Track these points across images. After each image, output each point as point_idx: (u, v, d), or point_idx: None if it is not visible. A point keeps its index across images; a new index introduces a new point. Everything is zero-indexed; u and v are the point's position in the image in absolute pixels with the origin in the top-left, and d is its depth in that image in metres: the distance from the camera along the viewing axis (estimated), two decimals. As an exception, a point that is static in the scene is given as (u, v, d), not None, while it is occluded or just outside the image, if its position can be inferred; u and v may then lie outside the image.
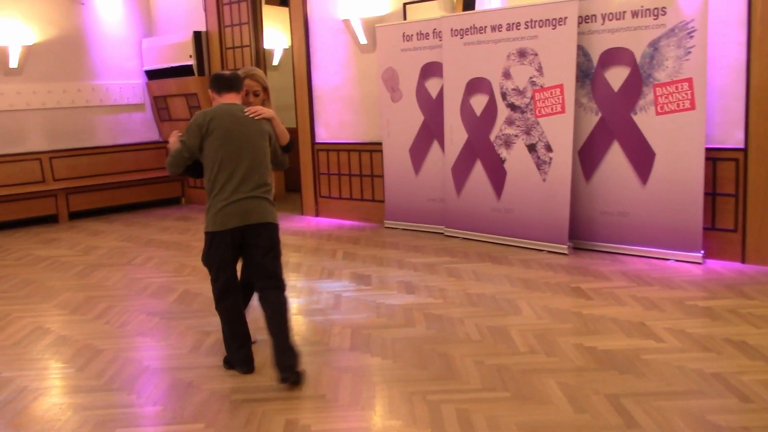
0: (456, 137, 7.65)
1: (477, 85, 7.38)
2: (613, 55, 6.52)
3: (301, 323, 5.27)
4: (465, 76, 7.48)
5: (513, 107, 7.10)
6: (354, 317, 5.28)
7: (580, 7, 6.58)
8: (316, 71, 9.31)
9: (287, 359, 3.97)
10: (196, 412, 3.78)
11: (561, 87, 6.70)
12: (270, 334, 4.06)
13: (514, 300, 5.48)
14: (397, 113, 8.28)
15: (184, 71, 10.57)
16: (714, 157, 6.22)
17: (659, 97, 6.29)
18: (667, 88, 6.23)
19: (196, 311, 5.55)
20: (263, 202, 4.15)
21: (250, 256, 4.15)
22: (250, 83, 4.52)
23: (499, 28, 7.11)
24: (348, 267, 6.78)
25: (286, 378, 3.96)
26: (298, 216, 9.74)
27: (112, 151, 11.07)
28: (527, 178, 7.09)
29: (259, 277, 4.17)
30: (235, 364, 4.29)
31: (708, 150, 6.15)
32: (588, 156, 6.82)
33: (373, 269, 6.65)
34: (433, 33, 7.81)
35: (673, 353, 4.27)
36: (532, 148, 7.01)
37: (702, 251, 6.24)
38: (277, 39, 12.20)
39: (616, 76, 6.53)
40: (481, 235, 7.57)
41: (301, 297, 5.91)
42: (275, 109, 4.53)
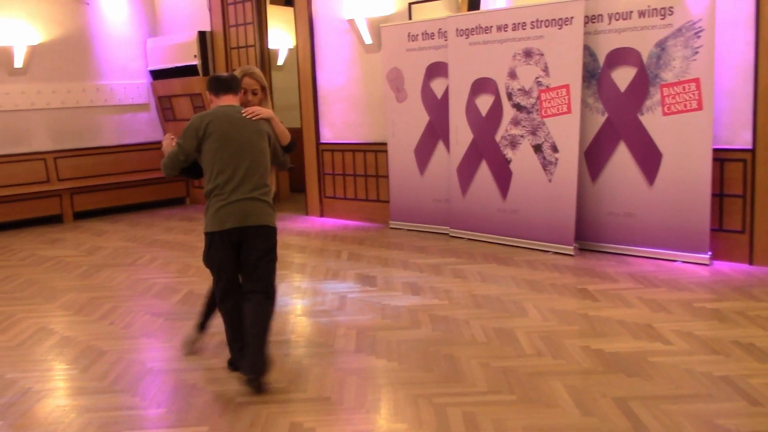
0: (461, 137, 7.62)
1: (482, 85, 7.35)
2: (620, 55, 6.48)
3: (305, 324, 5.25)
4: (470, 76, 7.44)
5: (519, 107, 7.07)
6: (359, 318, 5.25)
7: (587, 6, 6.54)
8: (321, 71, 9.28)
9: (256, 366, 3.91)
10: (200, 415, 3.76)
11: (567, 87, 6.67)
12: (246, 335, 4.01)
13: (520, 301, 5.45)
14: (402, 113, 8.25)
15: (188, 71, 10.55)
16: (721, 157, 6.18)
17: (666, 98, 6.25)
18: (674, 88, 6.19)
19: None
20: (262, 204, 4.12)
21: (245, 257, 4.11)
22: (248, 81, 4.48)
23: (504, 28, 7.08)
24: (353, 268, 6.76)
25: (250, 382, 3.91)
26: (303, 216, 9.72)
27: (117, 151, 11.06)
28: (533, 178, 7.06)
29: (249, 280, 4.12)
30: (239, 366, 4.26)
31: (715, 151, 6.11)
32: (594, 156, 6.78)
33: (378, 270, 6.63)
34: (438, 33, 7.78)
35: (680, 356, 4.23)
36: (538, 148, 6.97)
37: (709, 252, 6.19)
38: (282, 39, 12.18)
39: (623, 77, 6.49)
40: (487, 236, 7.53)
41: (305, 298, 5.89)
42: (278, 109, 4.51)
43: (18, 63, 9.89)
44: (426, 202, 8.22)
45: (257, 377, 3.92)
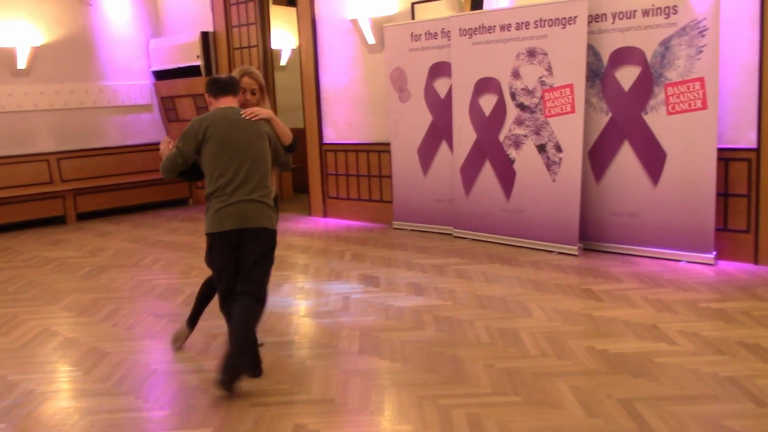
0: (465, 137, 7.60)
1: (486, 84, 7.33)
2: (624, 55, 6.46)
3: (309, 325, 5.23)
4: (474, 76, 7.42)
5: (522, 107, 7.05)
6: (362, 319, 5.24)
7: (590, 6, 6.51)
8: (324, 71, 9.27)
9: (232, 370, 3.87)
10: (203, 417, 3.74)
11: (571, 87, 6.65)
12: (229, 336, 3.98)
13: (524, 302, 5.43)
14: (405, 113, 8.23)
15: (191, 72, 10.55)
16: (726, 157, 6.15)
17: (670, 97, 6.22)
18: (679, 87, 6.16)
19: (204, 313, 5.48)
20: (261, 206, 4.07)
21: (242, 259, 4.07)
22: (247, 81, 4.46)
23: (508, 27, 7.06)
24: (356, 268, 6.74)
25: (222, 382, 3.87)
26: (306, 217, 9.71)
27: (120, 152, 11.07)
28: (537, 178, 7.03)
29: (242, 281, 4.08)
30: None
31: (720, 150, 6.08)
32: (598, 156, 6.76)
33: (382, 271, 6.61)
34: (441, 33, 7.76)
35: (686, 356, 4.21)
36: (541, 148, 6.95)
37: (714, 252, 6.17)
38: (285, 39, 12.17)
39: (627, 76, 6.46)
40: (491, 236, 7.51)
41: (309, 299, 5.88)
42: (281, 109, 4.50)
43: (21, 64, 9.90)
44: (429, 203, 8.21)
45: (230, 380, 3.87)
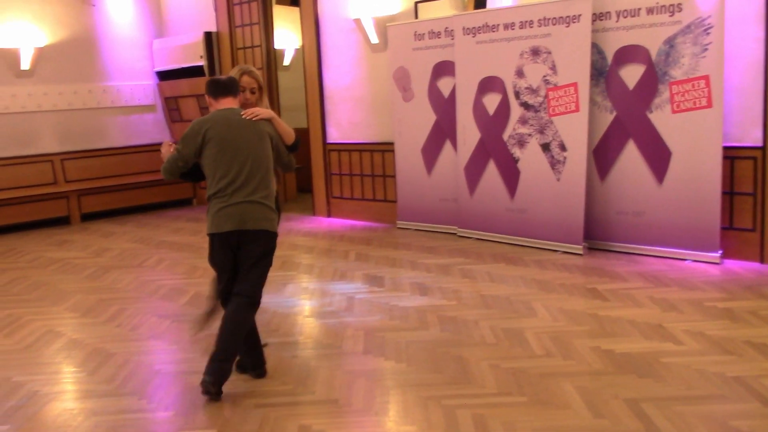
0: (469, 137, 7.59)
1: (490, 83, 7.31)
2: (628, 53, 6.43)
3: (313, 326, 5.22)
4: (477, 75, 7.41)
5: (526, 106, 7.03)
6: (367, 319, 5.22)
7: (594, 4, 6.49)
8: (327, 71, 9.26)
9: (217, 373, 3.87)
10: (207, 418, 3.74)
11: (575, 85, 6.62)
12: (217, 338, 3.95)
13: (529, 301, 5.41)
14: (409, 113, 8.21)
15: (195, 72, 10.55)
16: (732, 155, 6.13)
17: (675, 95, 6.20)
18: (684, 85, 6.13)
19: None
20: (262, 207, 4.03)
21: (240, 261, 4.05)
22: (247, 80, 4.44)
23: (511, 26, 7.04)
24: (360, 268, 6.73)
25: (204, 383, 3.87)
26: (310, 217, 9.70)
27: (124, 152, 11.07)
28: (541, 177, 7.01)
29: (238, 282, 4.06)
30: (246, 368, 4.25)
31: (725, 148, 6.06)
32: (603, 155, 6.73)
33: (386, 270, 6.60)
34: (444, 32, 7.75)
35: (692, 356, 4.19)
36: (545, 147, 6.93)
37: (720, 251, 6.14)
38: (288, 39, 12.15)
39: (631, 74, 6.44)
40: (495, 236, 7.49)
41: (313, 299, 5.87)
42: (284, 109, 4.49)
43: (25, 65, 9.90)
44: (433, 202, 8.19)
45: (213, 382, 3.86)
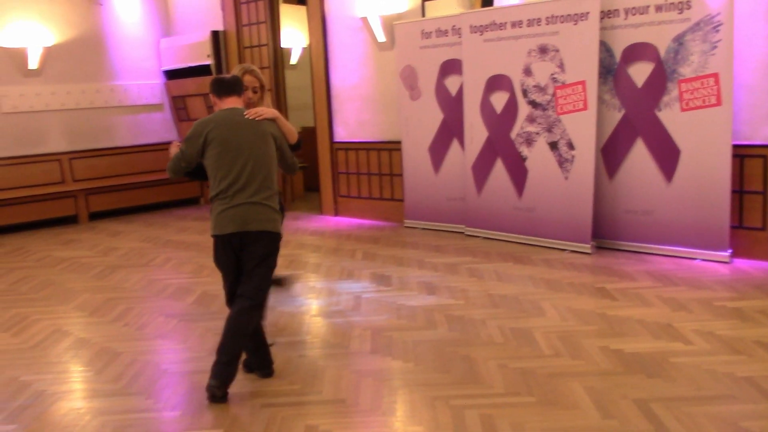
0: (476, 135, 7.56)
1: (497, 82, 7.28)
2: (637, 51, 6.40)
3: (320, 325, 5.21)
4: (485, 74, 7.38)
5: (534, 104, 7.00)
6: (374, 319, 5.21)
7: (603, 1, 6.45)
8: (334, 70, 9.24)
9: (221, 376, 3.87)
10: (214, 417, 3.73)
11: (583, 83, 6.59)
12: (220, 341, 3.94)
13: (537, 301, 5.38)
14: (416, 111, 8.19)
15: (202, 71, 10.54)
16: (741, 153, 6.08)
17: (684, 93, 6.16)
18: (693, 83, 6.09)
19: (214, 313, 5.50)
20: (264, 208, 4.01)
21: (244, 262, 4.03)
22: (249, 79, 4.44)
23: (519, 24, 7.01)
24: (368, 267, 6.71)
25: (210, 388, 3.87)
26: (317, 215, 9.69)
27: (131, 151, 11.08)
28: (549, 176, 6.98)
29: (242, 283, 4.04)
30: (253, 368, 4.24)
31: (735, 147, 6.01)
32: (611, 153, 6.70)
33: (393, 269, 6.58)
34: (452, 30, 7.72)
35: (702, 356, 4.16)
36: (554, 145, 6.90)
37: (729, 250, 6.10)
38: (295, 38, 12.15)
39: (640, 72, 6.40)
40: (503, 235, 7.47)
41: (320, 298, 5.85)
42: (291, 108, 4.47)
43: (32, 64, 9.92)
44: (441, 201, 8.17)
45: (217, 385, 3.86)
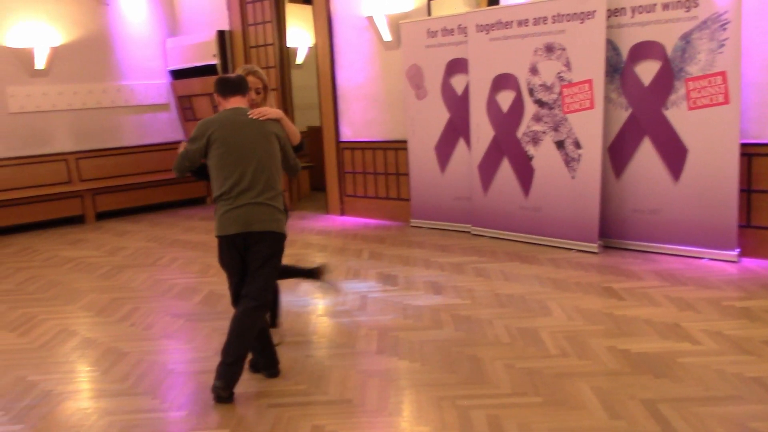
0: (482, 134, 7.54)
1: (503, 81, 7.26)
2: (644, 49, 6.37)
3: (327, 325, 5.21)
4: (491, 73, 7.36)
5: (540, 103, 6.98)
6: (380, 319, 5.20)
7: (609, 0, 6.43)
8: (340, 69, 9.24)
9: (226, 377, 3.86)
10: (221, 417, 3.73)
11: (590, 82, 6.56)
12: (225, 342, 3.93)
13: (544, 300, 5.37)
14: (422, 111, 8.18)
15: (208, 71, 10.55)
16: (749, 152, 6.05)
17: (691, 92, 6.13)
18: (700, 82, 6.06)
19: (221, 313, 5.50)
20: (268, 209, 4.00)
21: (249, 263, 4.02)
22: (252, 80, 4.43)
23: (525, 23, 6.99)
24: (374, 267, 6.70)
25: (215, 388, 3.87)
26: (323, 215, 9.69)
27: (138, 151, 11.10)
28: (556, 175, 6.96)
29: (247, 284, 4.03)
30: (259, 368, 4.24)
31: (743, 145, 5.98)
32: (618, 152, 6.67)
33: (400, 269, 6.57)
34: (458, 29, 7.70)
35: (710, 356, 4.14)
36: (560, 144, 6.88)
37: (737, 249, 6.07)
38: (301, 37, 12.15)
39: (647, 71, 6.37)
40: (509, 234, 7.45)
41: (326, 298, 5.84)
42: (297, 108, 4.47)
43: (39, 64, 9.95)
44: (447, 200, 8.15)
45: (223, 387, 3.86)
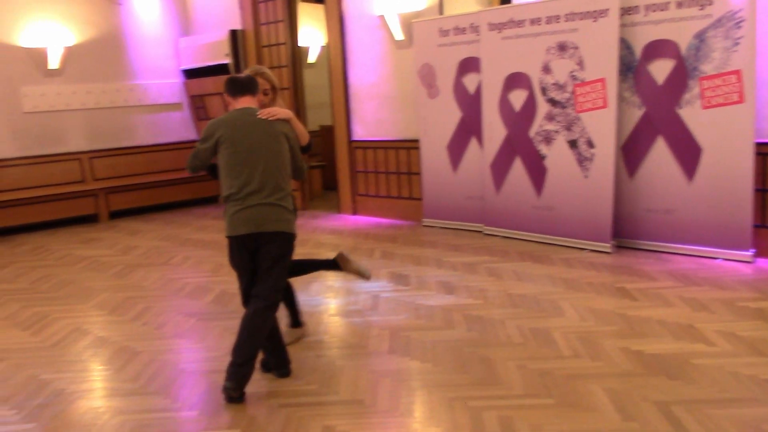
0: (494, 133, 7.52)
1: (516, 80, 7.23)
2: (657, 48, 6.33)
3: (338, 325, 5.20)
4: (503, 71, 7.33)
5: (553, 102, 6.94)
6: (392, 318, 5.19)
7: (623, -2, 6.40)
8: (353, 68, 9.23)
9: (236, 376, 3.86)
10: (232, 417, 3.73)
11: (603, 81, 6.53)
12: (235, 343, 3.93)
13: (556, 301, 5.34)
14: (434, 110, 8.16)
15: (220, 70, 10.57)
16: (764, 152, 6.00)
17: (706, 90, 6.08)
18: (714, 80, 6.02)
19: (232, 312, 5.51)
20: (278, 209, 3.99)
21: (259, 263, 4.02)
22: (260, 81, 4.41)
23: (538, 21, 6.95)
24: (386, 266, 6.69)
25: (225, 389, 3.87)
26: (336, 214, 9.69)
27: (151, 150, 11.14)
28: (568, 174, 6.93)
29: (257, 284, 4.03)
30: (271, 368, 4.24)
31: (758, 145, 5.93)
32: (631, 152, 6.63)
33: (412, 269, 6.56)
34: (470, 28, 7.68)
35: (724, 358, 4.10)
36: (573, 144, 6.84)
37: (752, 250, 6.02)
38: (313, 36, 12.16)
39: (661, 69, 6.33)
40: (522, 234, 7.42)
41: (338, 297, 5.84)
42: (310, 107, 4.46)
43: (53, 64, 10.00)
44: (459, 200, 8.13)
45: (233, 387, 3.86)
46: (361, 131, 9.30)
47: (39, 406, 3.99)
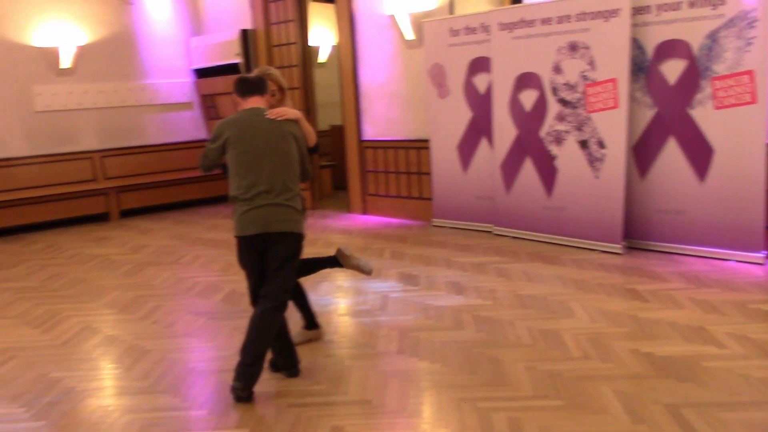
0: (505, 133, 7.50)
1: (526, 80, 7.21)
2: (669, 48, 6.29)
3: (347, 325, 5.20)
4: (514, 71, 7.31)
5: (564, 102, 6.92)
6: (401, 319, 5.18)
7: (635, -2, 6.37)
8: (363, 68, 9.23)
9: (245, 377, 3.86)
10: (240, 417, 3.73)
11: (614, 81, 6.50)
12: (243, 343, 3.93)
13: (566, 302, 5.32)
14: (444, 109, 8.15)
15: (231, 69, 10.59)
16: (777, 152, 5.96)
17: (718, 91, 6.04)
18: (727, 81, 5.98)
19: (242, 311, 5.51)
20: (286, 209, 3.98)
21: (267, 263, 4.01)
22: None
23: (548, 21, 6.93)
24: (395, 266, 6.69)
25: (234, 389, 3.87)
26: (345, 214, 9.69)
27: (162, 149, 11.18)
28: (579, 175, 6.90)
29: (265, 284, 4.03)
30: (279, 367, 4.24)
31: (770, 145, 5.90)
32: (643, 152, 6.60)
33: (421, 269, 6.55)
34: (480, 27, 7.66)
35: (735, 360, 4.07)
36: (584, 144, 6.82)
37: (764, 251, 5.98)
38: (324, 36, 12.17)
39: (672, 70, 6.30)
40: (532, 234, 7.40)
41: (347, 297, 5.84)
42: (320, 106, 4.46)
43: (65, 63, 10.05)
44: (469, 200, 8.12)
45: (242, 387, 3.85)
46: (371, 131, 9.30)
47: (49, 404, 4.01)
